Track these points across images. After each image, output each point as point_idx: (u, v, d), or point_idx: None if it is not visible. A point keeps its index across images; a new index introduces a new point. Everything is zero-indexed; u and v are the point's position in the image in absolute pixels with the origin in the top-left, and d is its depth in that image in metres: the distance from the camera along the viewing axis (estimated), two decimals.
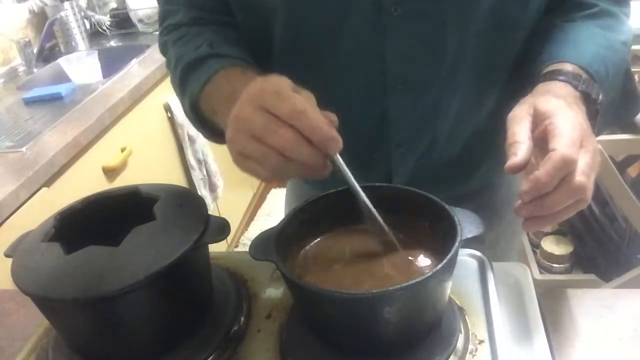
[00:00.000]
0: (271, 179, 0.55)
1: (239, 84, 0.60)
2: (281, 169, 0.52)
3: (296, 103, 0.51)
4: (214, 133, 0.73)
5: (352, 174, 0.56)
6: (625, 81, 0.71)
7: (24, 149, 1.36)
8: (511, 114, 0.58)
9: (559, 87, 0.62)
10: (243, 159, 0.54)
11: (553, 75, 0.63)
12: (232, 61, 0.69)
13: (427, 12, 0.67)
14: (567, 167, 0.52)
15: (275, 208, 2.69)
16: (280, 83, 0.53)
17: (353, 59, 0.71)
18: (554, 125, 0.54)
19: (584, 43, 0.67)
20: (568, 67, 0.63)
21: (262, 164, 0.53)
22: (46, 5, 2.11)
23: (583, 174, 0.53)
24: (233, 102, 0.55)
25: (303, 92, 0.53)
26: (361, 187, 0.62)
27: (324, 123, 0.51)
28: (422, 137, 0.76)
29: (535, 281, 0.65)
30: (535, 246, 1.92)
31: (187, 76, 0.71)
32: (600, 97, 0.63)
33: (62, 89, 1.68)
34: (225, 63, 0.68)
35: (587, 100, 0.62)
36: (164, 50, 0.81)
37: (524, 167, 0.53)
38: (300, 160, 0.52)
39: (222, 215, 0.60)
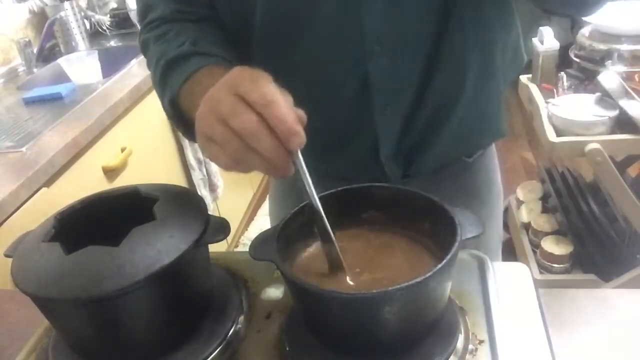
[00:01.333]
0: (231, 166, 0.54)
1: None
2: (241, 157, 0.51)
3: (268, 91, 0.50)
4: (192, 129, 0.73)
5: (331, 153, 0.55)
6: None
7: (24, 149, 1.36)
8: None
9: None
10: (207, 142, 0.53)
11: None
12: (214, 60, 0.69)
13: None
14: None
15: None
16: (260, 73, 0.52)
17: (332, 28, 0.71)
18: None
19: None
20: None
21: (223, 148, 0.52)
22: (46, 5, 2.11)
23: None
24: None
25: (282, 90, 0.52)
26: (362, 186, 0.62)
27: (291, 116, 0.50)
28: (405, 98, 0.76)
29: (535, 281, 0.65)
30: (535, 246, 1.92)
31: (168, 73, 0.71)
32: None
33: (62, 89, 1.68)
34: (207, 61, 0.68)
35: None
36: (144, 49, 0.80)
37: None
38: (260, 151, 0.51)
39: (222, 215, 0.60)
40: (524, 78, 1.87)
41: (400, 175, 0.82)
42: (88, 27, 2.28)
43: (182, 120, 0.72)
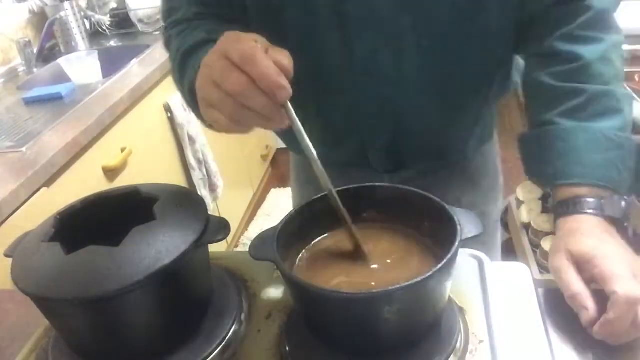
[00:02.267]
0: (231, 127, 0.56)
1: None
2: (238, 116, 0.54)
3: (246, 49, 0.51)
4: None
5: (326, 151, 0.57)
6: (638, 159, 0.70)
7: (24, 149, 1.36)
8: (553, 266, 0.62)
9: (584, 222, 0.63)
10: (207, 107, 0.56)
11: (572, 208, 0.65)
12: None
13: (388, 17, 0.71)
14: (633, 305, 0.55)
15: (275, 208, 2.69)
16: (245, 34, 0.54)
17: (325, 56, 0.75)
18: (600, 269, 0.58)
19: (588, 153, 0.67)
20: (584, 191, 0.65)
21: (221, 110, 0.54)
22: (46, 5, 2.11)
23: None
24: None
25: (277, 48, 0.54)
26: (362, 186, 0.62)
27: (273, 70, 0.51)
28: (389, 117, 0.79)
29: (535, 281, 0.65)
30: (535, 246, 1.91)
31: (185, 62, 0.72)
32: (623, 205, 0.65)
33: (62, 89, 1.68)
34: None
35: (614, 219, 0.65)
36: (167, 45, 0.81)
37: (598, 317, 0.57)
38: (253, 108, 0.53)
39: (222, 215, 0.60)
40: None
41: (390, 169, 0.86)
42: (88, 27, 2.27)
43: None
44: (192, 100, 0.73)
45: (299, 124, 0.55)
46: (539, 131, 0.71)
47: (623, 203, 0.65)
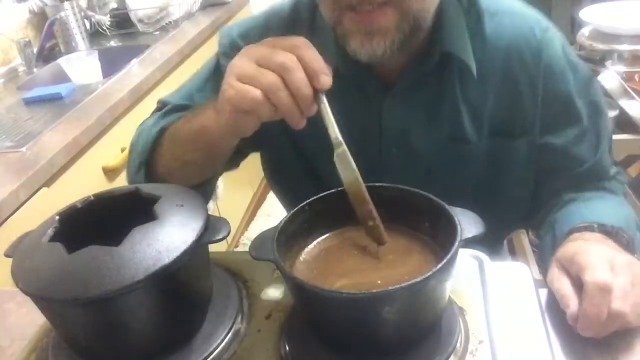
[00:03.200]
0: (258, 101, 0.57)
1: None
2: (274, 89, 0.56)
3: (300, 39, 0.57)
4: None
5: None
6: None
7: (24, 149, 1.36)
8: (548, 280, 0.64)
9: (578, 236, 0.69)
10: (235, 81, 0.58)
11: (572, 233, 0.71)
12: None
13: (415, 162, 0.79)
14: (603, 292, 0.56)
15: (275, 208, 2.68)
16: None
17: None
18: (578, 264, 0.60)
19: (606, 210, 0.77)
20: (585, 225, 0.73)
21: (258, 80, 0.56)
22: (46, 5, 2.11)
23: (618, 299, 0.56)
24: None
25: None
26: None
27: (320, 56, 0.56)
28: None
29: (535, 281, 0.65)
30: (535, 246, 1.91)
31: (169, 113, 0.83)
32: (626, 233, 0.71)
33: (62, 89, 1.68)
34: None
35: (611, 235, 0.69)
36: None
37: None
38: (293, 85, 0.56)
39: (222, 215, 0.60)
40: None
41: None
42: (88, 27, 2.27)
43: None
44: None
45: (330, 112, 0.58)
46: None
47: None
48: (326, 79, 0.56)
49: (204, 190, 0.80)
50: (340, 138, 0.58)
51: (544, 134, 0.80)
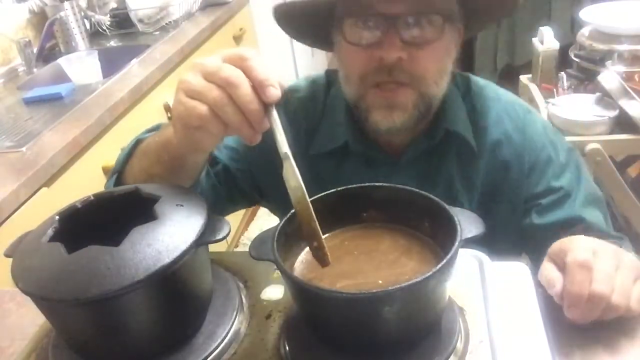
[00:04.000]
0: (206, 118, 0.56)
1: None
2: (220, 106, 0.55)
3: (249, 51, 0.56)
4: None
5: None
6: None
7: (24, 149, 1.36)
8: (539, 274, 0.67)
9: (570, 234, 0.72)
10: (184, 96, 0.57)
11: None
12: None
13: None
14: (582, 269, 0.60)
15: None
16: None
17: None
18: (564, 250, 0.65)
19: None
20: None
21: (204, 96, 0.55)
22: (46, 5, 2.11)
23: (598, 281, 0.60)
24: None
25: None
26: (362, 186, 0.62)
27: (268, 68, 0.55)
28: None
29: (535, 281, 0.65)
30: None
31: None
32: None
33: (62, 89, 1.68)
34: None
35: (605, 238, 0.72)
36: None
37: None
38: (240, 100, 0.54)
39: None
40: (524, 78, 1.87)
41: None
42: (88, 27, 2.27)
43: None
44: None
45: (280, 126, 0.55)
46: None
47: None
48: (274, 92, 0.54)
49: None
50: (289, 152, 0.55)
51: (528, 208, 0.89)
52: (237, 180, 0.94)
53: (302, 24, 0.87)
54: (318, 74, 0.97)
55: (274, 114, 0.55)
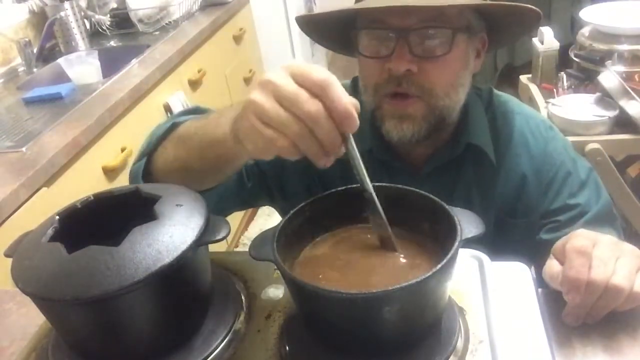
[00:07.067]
0: (287, 151, 0.53)
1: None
2: (301, 141, 0.52)
3: (326, 74, 0.52)
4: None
5: None
6: None
7: (24, 149, 1.36)
8: (543, 272, 0.68)
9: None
10: (261, 125, 0.53)
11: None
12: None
13: None
14: (580, 255, 0.61)
15: None
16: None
17: None
18: (564, 242, 0.66)
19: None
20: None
21: (285, 131, 0.52)
22: (46, 5, 2.11)
23: (595, 269, 0.60)
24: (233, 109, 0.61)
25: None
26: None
27: (347, 97, 0.52)
28: None
29: (535, 281, 0.65)
30: None
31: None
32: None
33: (62, 89, 1.68)
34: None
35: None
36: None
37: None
38: (320, 135, 0.52)
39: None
40: (524, 78, 1.87)
41: None
42: (88, 27, 2.27)
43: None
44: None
45: (358, 156, 0.55)
46: None
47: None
48: (353, 123, 0.52)
49: None
50: (370, 187, 0.57)
51: (544, 224, 0.90)
52: (265, 178, 0.94)
53: (325, 32, 0.90)
54: (345, 80, 0.96)
55: (352, 141, 0.54)
